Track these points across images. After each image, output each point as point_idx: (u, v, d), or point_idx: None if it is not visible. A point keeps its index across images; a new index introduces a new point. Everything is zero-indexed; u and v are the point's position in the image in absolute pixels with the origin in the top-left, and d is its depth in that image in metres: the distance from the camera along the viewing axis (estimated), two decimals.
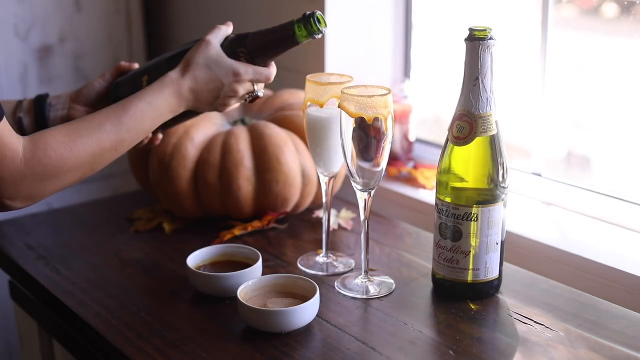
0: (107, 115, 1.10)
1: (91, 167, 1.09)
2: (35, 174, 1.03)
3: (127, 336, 1.13)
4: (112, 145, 1.10)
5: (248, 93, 1.21)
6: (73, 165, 1.06)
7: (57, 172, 1.05)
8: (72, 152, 1.06)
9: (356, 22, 1.79)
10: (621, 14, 1.51)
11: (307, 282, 1.17)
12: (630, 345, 1.09)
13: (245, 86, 1.20)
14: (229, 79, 1.18)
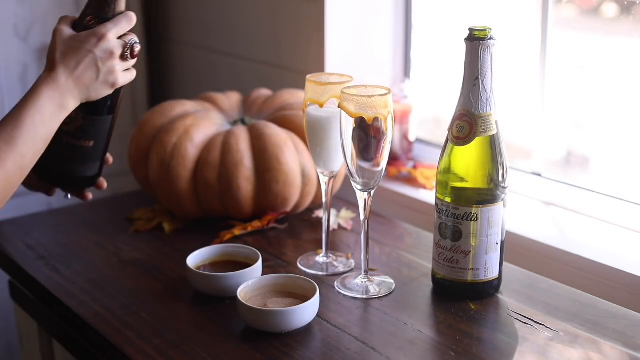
0: None
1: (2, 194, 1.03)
2: None
3: (127, 336, 1.13)
4: (15, 165, 1.03)
5: (123, 47, 1.13)
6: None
7: None
8: None
9: (356, 22, 1.79)
10: (621, 14, 1.51)
11: (307, 282, 1.17)
12: (630, 345, 1.09)
13: (114, 42, 1.12)
14: (94, 43, 1.11)
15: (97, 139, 1.21)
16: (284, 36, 1.89)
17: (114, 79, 1.13)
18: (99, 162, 1.24)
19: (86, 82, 1.11)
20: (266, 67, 1.97)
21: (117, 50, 1.12)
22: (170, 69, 2.33)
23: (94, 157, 1.22)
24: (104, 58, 1.11)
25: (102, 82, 1.12)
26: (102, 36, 1.11)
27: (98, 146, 1.22)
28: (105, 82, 1.13)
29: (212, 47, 2.15)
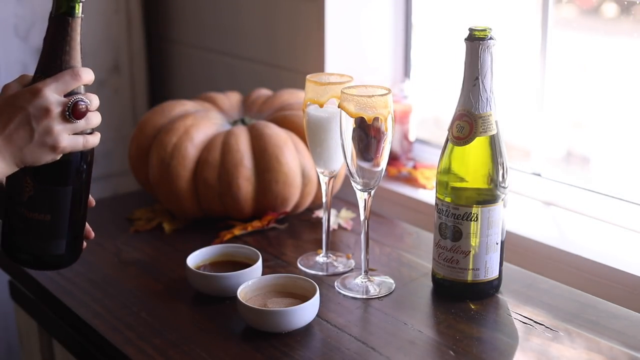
0: None
1: None
2: None
3: (127, 336, 1.13)
4: None
5: (64, 106, 0.97)
6: None
7: None
8: None
9: (356, 22, 1.79)
10: (621, 14, 1.51)
11: (307, 282, 1.17)
12: (630, 345, 1.09)
13: (52, 99, 0.96)
14: (27, 99, 0.96)
15: (54, 212, 1.04)
16: (284, 36, 1.89)
17: (53, 141, 0.97)
18: (65, 240, 1.06)
19: (18, 142, 0.96)
20: (266, 67, 1.97)
21: (55, 108, 0.97)
22: (170, 69, 2.33)
23: (56, 233, 1.05)
24: (38, 116, 0.96)
25: (39, 144, 0.97)
26: (36, 92, 0.96)
27: (58, 221, 1.05)
28: (43, 145, 0.97)
29: (212, 47, 2.15)
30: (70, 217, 1.05)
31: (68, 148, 0.99)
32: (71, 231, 1.06)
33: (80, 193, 1.05)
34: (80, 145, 1.00)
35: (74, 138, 0.99)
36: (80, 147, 1.00)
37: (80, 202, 1.06)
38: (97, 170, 2.26)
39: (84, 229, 1.08)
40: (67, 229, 1.06)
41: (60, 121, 0.97)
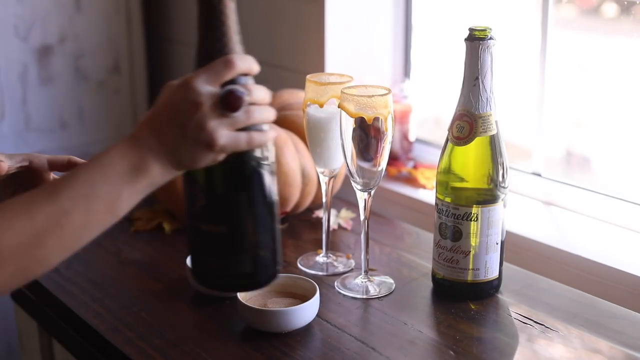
0: (42, 188, 0.87)
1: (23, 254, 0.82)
2: None
3: (127, 336, 1.13)
4: (50, 220, 0.82)
5: (216, 97, 0.84)
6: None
7: None
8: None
9: (356, 22, 1.79)
10: (621, 14, 1.51)
11: (307, 282, 1.17)
12: (630, 345, 1.09)
13: (202, 90, 0.84)
14: (177, 93, 0.85)
15: (231, 224, 0.90)
16: (284, 36, 1.89)
17: (207, 138, 0.83)
18: (248, 255, 0.92)
19: (170, 139, 0.85)
20: (266, 67, 1.96)
21: (206, 101, 0.84)
22: (170, 68, 2.33)
23: (236, 248, 0.91)
24: (188, 111, 0.83)
25: (193, 142, 0.84)
26: (185, 84, 0.85)
27: (237, 234, 0.91)
28: (197, 143, 0.84)
29: None
30: (251, 228, 0.92)
31: (228, 146, 0.85)
32: (256, 245, 0.93)
33: (260, 200, 0.91)
34: (243, 142, 0.86)
35: (235, 134, 0.85)
36: (244, 144, 0.86)
37: (262, 210, 0.91)
38: None
39: (275, 241, 0.93)
40: (250, 243, 0.92)
41: (213, 115, 0.84)
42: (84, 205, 0.84)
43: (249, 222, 0.91)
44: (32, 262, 0.83)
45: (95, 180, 0.84)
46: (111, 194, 0.84)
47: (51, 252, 0.84)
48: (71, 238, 0.85)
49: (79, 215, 0.84)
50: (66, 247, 0.86)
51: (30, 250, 0.82)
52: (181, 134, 0.84)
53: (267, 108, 0.89)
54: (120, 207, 0.85)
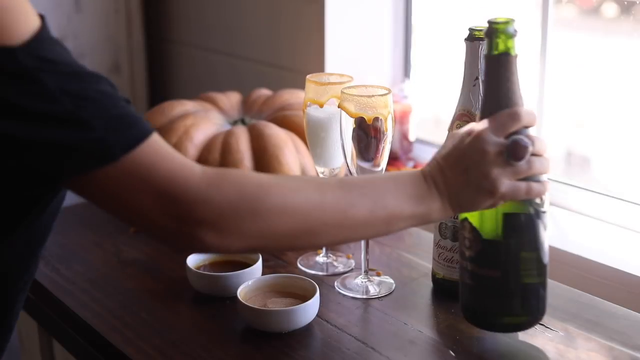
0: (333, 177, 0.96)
1: (307, 217, 0.87)
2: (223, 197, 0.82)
3: (127, 336, 1.13)
4: (337, 206, 0.88)
5: (502, 146, 0.91)
6: (278, 203, 0.85)
7: (254, 203, 0.84)
8: (279, 188, 0.86)
9: (356, 22, 1.79)
10: (621, 14, 1.51)
11: (307, 282, 1.17)
12: (630, 345, 1.09)
13: (488, 140, 0.91)
14: (465, 140, 0.93)
15: (504, 268, 0.99)
16: (284, 36, 1.89)
17: (490, 186, 0.91)
18: (520, 299, 1.02)
19: (455, 182, 0.92)
20: (266, 67, 1.97)
21: (493, 149, 0.91)
22: (170, 69, 2.33)
23: (509, 291, 1.01)
24: (475, 158, 0.91)
25: (475, 187, 0.92)
26: (473, 133, 0.93)
27: (509, 278, 1.00)
28: (479, 189, 0.91)
29: (212, 47, 2.15)
30: (525, 273, 1.00)
31: (508, 194, 0.92)
32: (527, 289, 1.01)
33: (534, 246, 0.99)
34: (522, 192, 0.92)
35: (515, 184, 0.92)
36: (522, 194, 0.93)
37: (536, 256, 1.00)
38: None
39: (544, 287, 1.03)
40: (523, 287, 1.01)
41: (498, 164, 0.91)
42: (369, 206, 0.90)
43: (522, 267, 1.00)
44: (308, 229, 0.88)
45: (387, 190, 0.91)
46: (394, 208, 0.91)
47: (327, 231, 0.89)
48: (349, 228, 0.90)
49: (363, 212, 0.90)
50: (342, 233, 0.91)
51: (311, 218, 0.87)
52: (466, 178, 0.92)
53: (546, 160, 0.95)
54: (397, 223, 0.93)
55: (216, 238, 0.83)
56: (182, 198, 0.81)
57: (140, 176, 0.79)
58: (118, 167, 0.78)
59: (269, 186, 0.86)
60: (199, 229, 0.82)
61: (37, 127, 0.73)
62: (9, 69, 0.71)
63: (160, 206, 0.80)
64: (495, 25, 0.98)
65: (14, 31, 0.71)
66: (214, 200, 0.82)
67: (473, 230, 1.00)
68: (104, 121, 0.76)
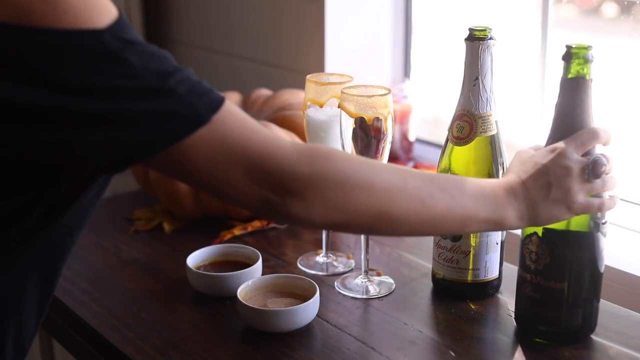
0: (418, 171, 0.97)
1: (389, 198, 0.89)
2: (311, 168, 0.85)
3: (127, 336, 1.13)
4: (416, 196, 0.91)
5: (583, 164, 0.97)
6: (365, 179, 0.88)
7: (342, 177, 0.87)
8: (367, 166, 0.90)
9: (356, 22, 1.79)
10: (621, 14, 1.51)
11: (307, 282, 1.17)
12: (630, 345, 1.09)
13: (572, 157, 0.97)
14: (548, 157, 0.98)
15: (570, 280, 1.05)
16: (284, 36, 1.89)
17: (569, 201, 0.97)
18: (581, 310, 1.07)
19: (535, 196, 0.97)
20: (266, 67, 1.97)
21: (575, 166, 0.97)
22: None
23: (572, 303, 1.06)
24: (559, 174, 0.97)
25: (554, 201, 0.97)
26: (557, 150, 0.98)
27: (574, 290, 1.05)
28: (558, 202, 0.97)
29: (211, 46, 2.15)
30: (588, 285, 1.06)
31: (581, 209, 0.98)
32: (588, 301, 1.07)
33: (597, 260, 1.05)
34: (595, 207, 0.99)
35: (590, 200, 0.98)
36: (595, 209, 0.99)
37: (598, 269, 1.06)
38: None
39: (599, 299, 1.08)
40: (584, 299, 1.06)
41: (579, 180, 0.97)
42: (448, 202, 0.93)
43: (586, 279, 1.05)
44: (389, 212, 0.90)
45: (466, 190, 0.94)
46: (471, 208, 0.94)
47: (405, 219, 0.91)
48: (426, 220, 0.92)
49: (441, 206, 0.92)
50: (418, 224, 0.93)
51: (393, 200, 0.89)
52: (546, 193, 0.97)
53: (615, 178, 1.01)
54: (471, 224, 0.96)
55: (302, 208, 0.86)
56: (274, 168, 0.84)
57: (231, 142, 0.82)
58: (210, 130, 0.81)
59: (358, 163, 0.90)
60: (287, 198, 0.85)
61: (128, 102, 0.76)
62: (97, 50, 0.75)
63: (252, 175, 0.83)
64: (573, 50, 1.02)
65: (100, 17, 0.76)
66: (304, 172, 0.85)
67: (541, 245, 1.04)
68: (187, 89, 0.80)
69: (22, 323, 0.92)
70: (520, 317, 1.12)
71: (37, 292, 0.92)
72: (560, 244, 1.04)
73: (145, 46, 0.79)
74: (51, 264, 0.92)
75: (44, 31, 0.73)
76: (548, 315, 1.07)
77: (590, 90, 1.02)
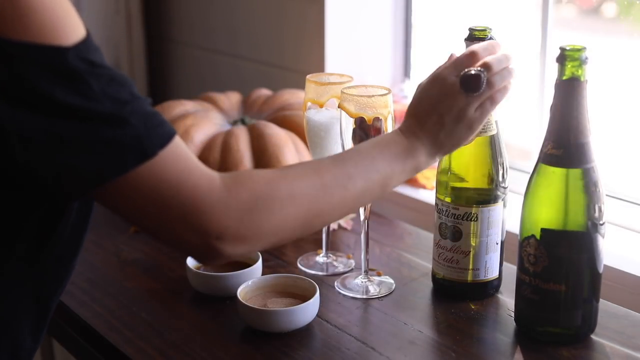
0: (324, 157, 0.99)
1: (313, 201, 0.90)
2: (240, 203, 0.84)
3: (127, 336, 1.13)
4: (337, 181, 0.93)
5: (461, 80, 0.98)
6: (287, 194, 0.88)
7: (268, 201, 0.86)
8: (284, 180, 0.89)
9: (356, 22, 1.79)
10: (621, 14, 1.51)
11: (307, 282, 1.17)
12: (630, 345, 1.09)
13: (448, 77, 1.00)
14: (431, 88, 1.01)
15: (568, 282, 1.05)
16: (284, 36, 1.89)
17: (464, 120, 0.99)
18: (579, 311, 1.07)
19: (431, 127, 1.00)
20: (266, 67, 1.97)
21: (454, 88, 0.99)
22: (171, 69, 2.33)
23: (572, 304, 1.06)
24: (444, 102, 0.99)
25: (452, 126, 0.99)
26: (436, 79, 1.01)
27: (572, 291, 1.06)
28: (456, 125, 0.99)
29: (211, 47, 2.15)
30: (587, 286, 1.06)
31: (477, 121, 1.00)
32: (587, 301, 1.07)
33: (595, 261, 1.05)
34: (487, 108, 1.01)
35: (481, 106, 1.00)
36: (488, 110, 1.01)
37: (597, 270, 1.06)
38: None
39: (598, 300, 1.09)
40: (584, 299, 1.07)
41: (463, 99, 0.99)
42: (365, 174, 0.95)
43: (585, 280, 1.06)
44: (317, 212, 0.92)
45: (375, 156, 0.97)
46: (386, 169, 0.97)
47: (333, 209, 0.94)
48: (351, 200, 0.95)
49: (361, 181, 0.95)
50: (346, 206, 0.96)
51: (317, 201, 0.91)
52: (442, 122, 0.99)
53: (506, 70, 1.01)
54: (391, 183, 0.99)
55: (239, 245, 0.85)
56: (206, 211, 0.83)
57: (169, 181, 0.81)
58: (151, 167, 0.80)
59: (277, 181, 0.89)
60: (221, 241, 0.84)
61: (82, 124, 0.76)
62: (59, 68, 0.75)
63: (185, 220, 0.82)
64: (567, 52, 1.02)
65: (66, 34, 0.75)
66: (232, 208, 0.84)
67: (539, 247, 1.04)
68: (140, 120, 0.79)
69: (18, 345, 0.91)
70: (519, 318, 1.12)
71: (31, 319, 0.91)
72: (558, 246, 1.04)
73: (107, 70, 0.78)
74: (45, 294, 0.91)
75: (7, 42, 0.72)
76: (547, 316, 1.07)
77: (586, 91, 1.03)
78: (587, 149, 1.03)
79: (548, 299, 1.06)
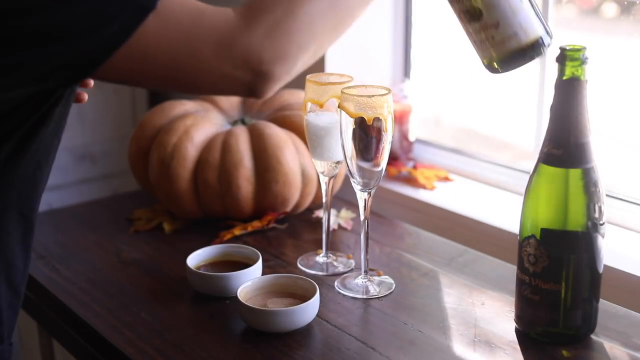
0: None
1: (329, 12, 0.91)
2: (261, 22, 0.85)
3: (127, 336, 1.13)
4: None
5: None
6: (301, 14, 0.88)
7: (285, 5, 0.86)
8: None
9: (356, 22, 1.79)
10: (621, 14, 1.51)
11: (307, 282, 1.17)
12: (630, 345, 1.09)
13: None
14: None
15: (568, 282, 1.05)
16: None
17: None
18: (580, 311, 1.07)
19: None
20: None
21: None
22: None
23: (572, 304, 1.06)
24: None
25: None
26: None
27: (572, 291, 1.06)
28: None
29: None
30: (586, 284, 1.06)
31: None
32: (587, 301, 1.07)
33: (595, 261, 1.05)
34: None
35: None
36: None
37: (596, 270, 1.06)
38: (97, 170, 2.26)
39: (598, 299, 1.08)
40: (584, 299, 1.07)
41: None
42: None
43: (585, 280, 1.05)
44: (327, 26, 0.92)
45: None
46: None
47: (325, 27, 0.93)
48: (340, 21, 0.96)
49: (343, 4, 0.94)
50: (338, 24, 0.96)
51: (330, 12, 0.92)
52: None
53: None
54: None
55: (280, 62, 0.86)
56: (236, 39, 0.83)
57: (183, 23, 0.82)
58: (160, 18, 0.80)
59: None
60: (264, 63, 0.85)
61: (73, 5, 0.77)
62: None
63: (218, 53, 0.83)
64: (567, 52, 1.02)
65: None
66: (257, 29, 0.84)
67: (539, 247, 1.04)
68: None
69: (10, 263, 0.94)
70: (519, 318, 1.12)
71: (20, 229, 0.94)
72: (559, 246, 1.04)
73: None
74: (27, 200, 0.94)
75: None
76: (547, 316, 1.07)
77: (586, 91, 1.03)
78: (587, 149, 1.03)
79: (548, 299, 1.06)
